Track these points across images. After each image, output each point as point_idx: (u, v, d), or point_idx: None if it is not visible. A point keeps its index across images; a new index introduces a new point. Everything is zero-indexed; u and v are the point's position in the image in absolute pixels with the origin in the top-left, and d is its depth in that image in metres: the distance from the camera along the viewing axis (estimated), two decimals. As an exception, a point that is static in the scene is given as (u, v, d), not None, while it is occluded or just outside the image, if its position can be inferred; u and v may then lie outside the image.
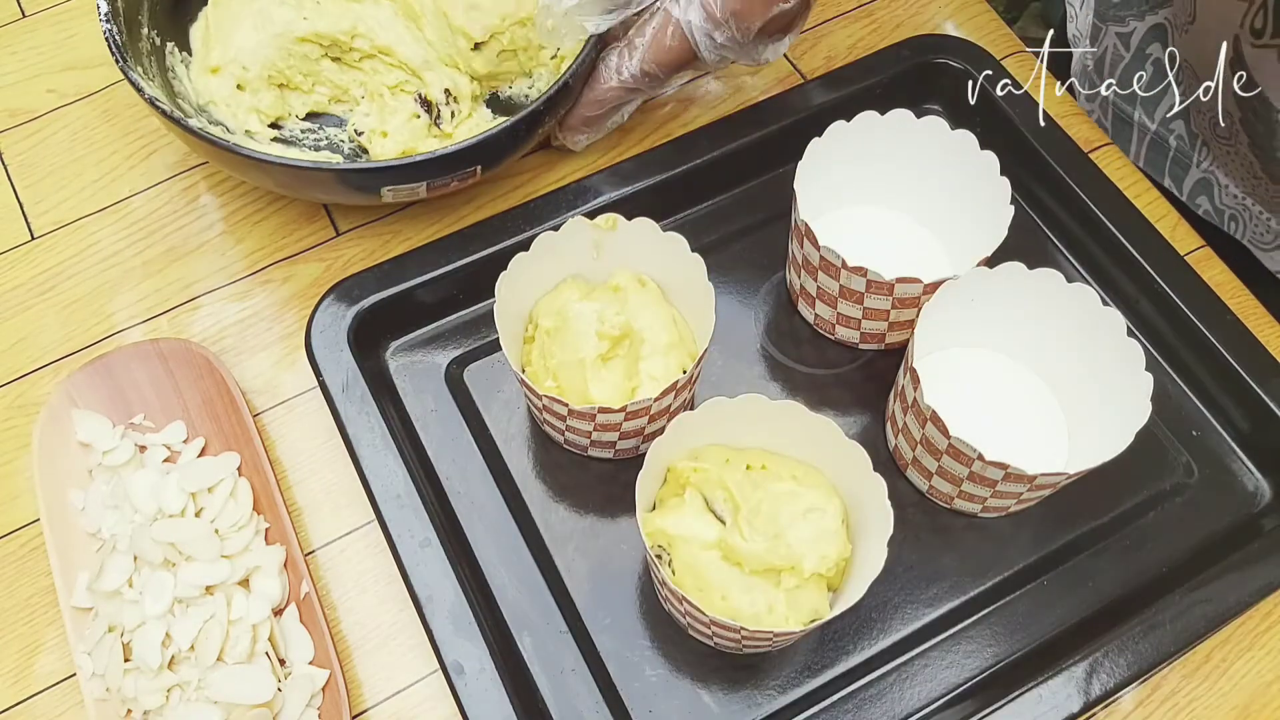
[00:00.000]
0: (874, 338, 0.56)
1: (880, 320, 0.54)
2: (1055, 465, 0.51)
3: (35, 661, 0.50)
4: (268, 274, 0.61)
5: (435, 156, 0.54)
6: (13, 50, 0.69)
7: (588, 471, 0.54)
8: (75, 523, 0.52)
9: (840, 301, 0.54)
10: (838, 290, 0.53)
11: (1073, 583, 0.51)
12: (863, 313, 0.54)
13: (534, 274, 0.52)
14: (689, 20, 0.54)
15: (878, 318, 0.54)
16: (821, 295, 0.55)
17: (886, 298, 0.52)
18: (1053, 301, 0.51)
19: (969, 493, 0.49)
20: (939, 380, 0.51)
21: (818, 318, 0.57)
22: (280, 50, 0.62)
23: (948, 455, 0.48)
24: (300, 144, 0.63)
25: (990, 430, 0.51)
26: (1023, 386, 0.55)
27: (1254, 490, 0.54)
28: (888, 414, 0.53)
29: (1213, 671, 0.51)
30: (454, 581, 0.48)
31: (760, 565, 0.45)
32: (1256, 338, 0.55)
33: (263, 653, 0.49)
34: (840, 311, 0.55)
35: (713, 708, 0.48)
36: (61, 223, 0.62)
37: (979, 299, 0.52)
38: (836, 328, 0.56)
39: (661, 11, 0.55)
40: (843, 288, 0.53)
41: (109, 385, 0.55)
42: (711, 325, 0.49)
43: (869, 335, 0.56)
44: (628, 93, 0.58)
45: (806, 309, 0.57)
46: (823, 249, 0.51)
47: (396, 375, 0.56)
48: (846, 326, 0.56)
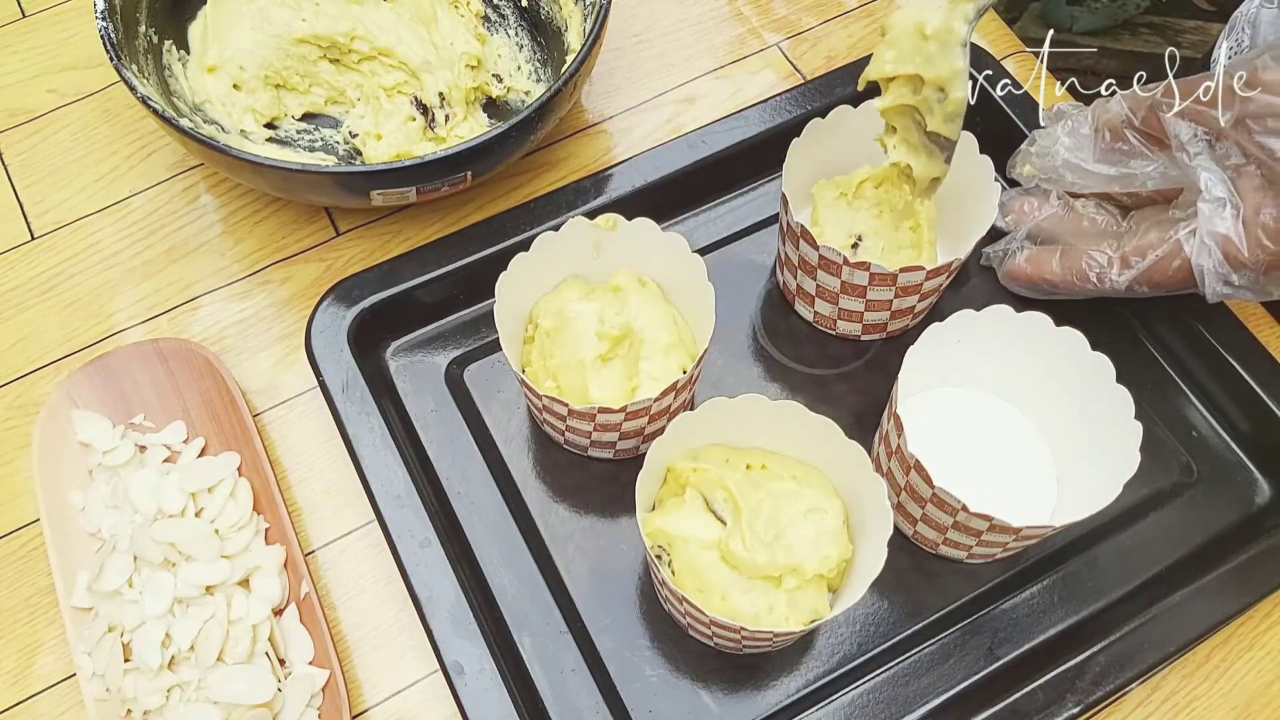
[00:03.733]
0: (876, 328, 0.56)
1: (883, 311, 0.54)
2: (1042, 516, 0.51)
3: (35, 661, 0.50)
4: (268, 274, 0.61)
5: (424, 162, 0.53)
6: (13, 50, 0.69)
7: (588, 471, 0.54)
8: (75, 523, 0.52)
9: (842, 297, 0.54)
10: (839, 286, 0.53)
11: (1073, 583, 0.51)
12: (865, 305, 0.54)
13: (534, 274, 0.52)
14: (1200, 265, 0.48)
15: (880, 308, 0.54)
16: (822, 293, 0.55)
17: (889, 288, 0.52)
18: (1041, 345, 0.50)
19: (954, 540, 0.49)
20: (924, 424, 0.51)
21: (817, 315, 0.57)
22: (278, 51, 0.62)
23: (932, 504, 0.47)
24: (295, 145, 0.63)
25: (976, 476, 0.51)
26: (1010, 430, 0.54)
27: (1254, 490, 0.54)
28: (872, 456, 0.51)
29: (1213, 671, 0.51)
30: (454, 581, 0.48)
31: (761, 574, 0.45)
32: (1256, 338, 0.55)
33: (263, 653, 0.49)
34: (842, 307, 0.55)
35: (713, 708, 0.48)
36: (61, 223, 0.62)
37: (965, 341, 0.51)
38: (838, 323, 0.56)
39: (1172, 242, 0.49)
40: (844, 283, 0.53)
41: (109, 385, 0.55)
42: (711, 325, 0.49)
43: (871, 326, 0.56)
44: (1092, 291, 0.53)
45: (805, 308, 0.57)
46: (823, 248, 0.51)
47: (396, 375, 0.56)
48: (849, 320, 0.56)
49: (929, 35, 0.47)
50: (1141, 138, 0.50)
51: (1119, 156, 0.51)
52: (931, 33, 0.47)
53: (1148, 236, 0.51)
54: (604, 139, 0.65)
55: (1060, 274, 0.53)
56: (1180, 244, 0.49)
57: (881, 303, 0.53)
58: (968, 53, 0.47)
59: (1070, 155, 0.53)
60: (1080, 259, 0.53)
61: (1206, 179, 0.48)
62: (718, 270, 0.52)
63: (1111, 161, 0.51)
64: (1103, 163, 0.52)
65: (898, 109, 0.50)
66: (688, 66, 0.68)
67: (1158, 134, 0.49)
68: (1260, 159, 0.46)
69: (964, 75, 0.47)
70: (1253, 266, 0.47)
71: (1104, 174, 0.52)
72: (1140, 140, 0.50)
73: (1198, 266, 0.49)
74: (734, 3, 0.71)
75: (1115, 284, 0.52)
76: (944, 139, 0.49)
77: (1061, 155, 0.53)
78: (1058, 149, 0.53)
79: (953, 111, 0.48)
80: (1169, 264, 0.50)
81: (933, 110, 0.49)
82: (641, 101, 0.67)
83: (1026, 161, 0.55)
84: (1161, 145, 0.50)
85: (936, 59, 0.48)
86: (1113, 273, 0.51)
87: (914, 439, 0.47)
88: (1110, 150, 0.51)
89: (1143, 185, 0.51)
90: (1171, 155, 0.49)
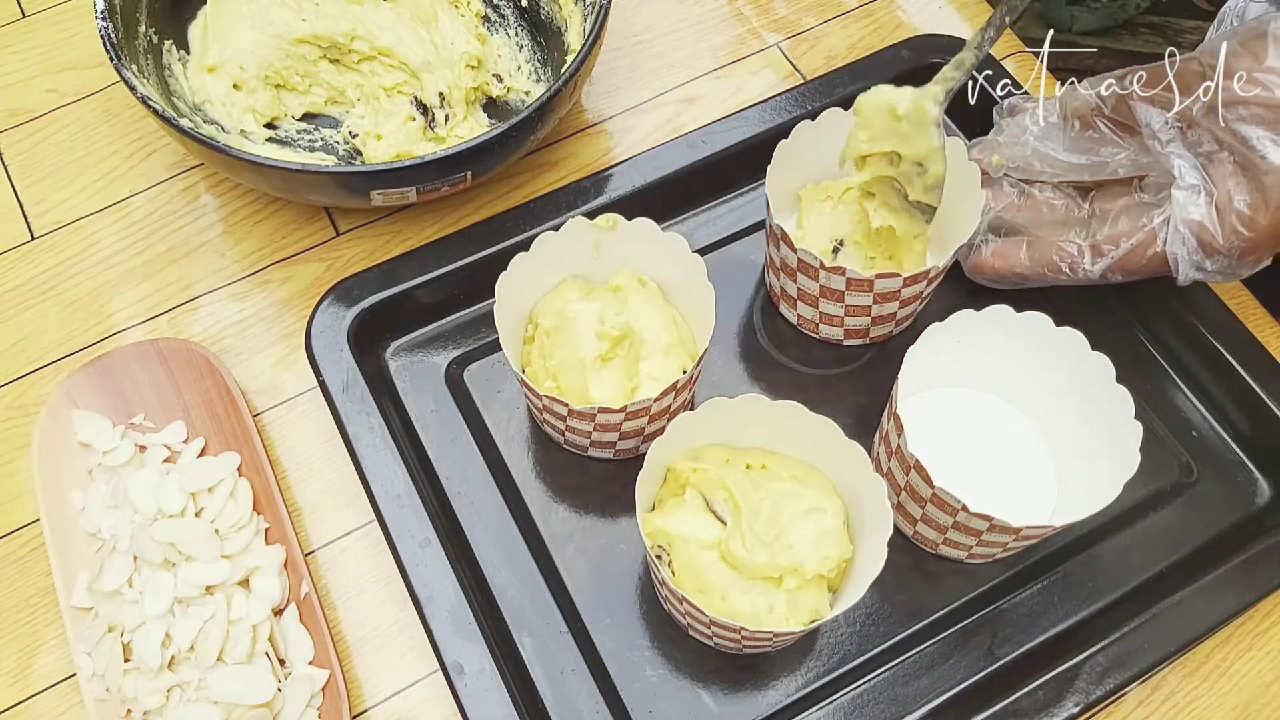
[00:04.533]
0: (859, 333, 0.56)
1: (863, 316, 0.54)
2: (1042, 516, 0.51)
3: (35, 661, 0.50)
4: (268, 274, 0.61)
5: (424, 162, 0.53)
6: (13, 50, 0.69)
7: (588, 471, 0.54)
8: (75, 523, 0.52)
9: (822, 301, 0.54)
10: (818, 290, 0.53)
11: (1073, 583, 0.51)
12: (845, 310, 0.54)
13: (534, 274, 0.52)
14: (1175, 253, 0.48)
15: (860, 314, 0.54)
16: (803, 296, 0.54)
17: (867, 293, 0.52)
18: (1041, 345, 0.50)
19: (954, 540, 0.49)
20: (924, 423, 0.51)
21: (800, 318, 0.57)
22: (278, 51, 0.62)
23: (932, 504, 0.47)
24: (295, 145, 0.63)
25: (976, 476, 0.51)
26: (1010, 430, 0.53)
27: (1254, 490, 0.54)
28: (872, 456, 0.51)
29: (1213, 671, 0.51)
30: (454, 581, 0.48)
31: (761, 575, 0.45)
32: (1256, 338, 0.55)
33: (263, 653, 0.49)
34: (823, 310, 0.54)
35: (713, 708, 0.48)
36: (61, 223, 0.62)
37: (965, 341, 0.51)
38: (820, 326, 0.56)
39: (1146, 230, 0.49)
40: (823, 287, 0.53)
41: (109, 385, 0.55)
42: (711, 325, 0.49)
43: (853, 331, 0.56)
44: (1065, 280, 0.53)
45: (789, 310, 0.57)
46: (800, 251, 0.51)
47: (396, 375, 0.56)
48: (830, 325, 0.56)
49: (901, 116, 0.48)
50: (1112, 125, 0.50)
51: (1089, 144, 0.51)
52: (904, 114, 0.48)
53: (1119, 225, 0.51)
54: (604, 139, 0.65)
55: (1029, 266, 0.53)
56: (1155, 233, 0.49)
57: (860, 308, 0.53)
58: (942, 131, 0.48)
59: (1039, 144, 0.52)
60: (1050, 250, 0.52)
61: (1180, 165, 0.48)
62: (718, 270, 0.52)
63: (1081, 150, 0.51)
64: (1073, 151, 0.52)
65: (878, 180, 0.51)
66: (688, 66, 0.68)
67: (1128, 121, 0.49)
68: (1233, 146, 0.46)
69: (941, 151, 0.48)
70: (1226, 252, 0.48)
71: (1074, 162, 0.52)
72: (1110, 128, 0.50)
73: (1172, 254, 0.49)
74: (734, 3, 0.71)
75: (1088, 273, 0.51)
76: (926, 205, 0.50)
77: (1031, 144, 0.53)
78: (1027, 138, 0.53)
79: (933, 184, 0.49)
80: (1143, 251, 0.50)
81: (913, 183, 0.49)
82: (641, 101, 0.67)
83: (994, 151, 0.54)
84: (1132, 132, 0.50)
85: (912, 138, 0.48)
86: (1084, 262, 0.51)
87: (914, 439, 0.47)
88: (1080, 138, 0.51)
89: (1114, 173, 0.51)
90: (1142, 142, 0.49)
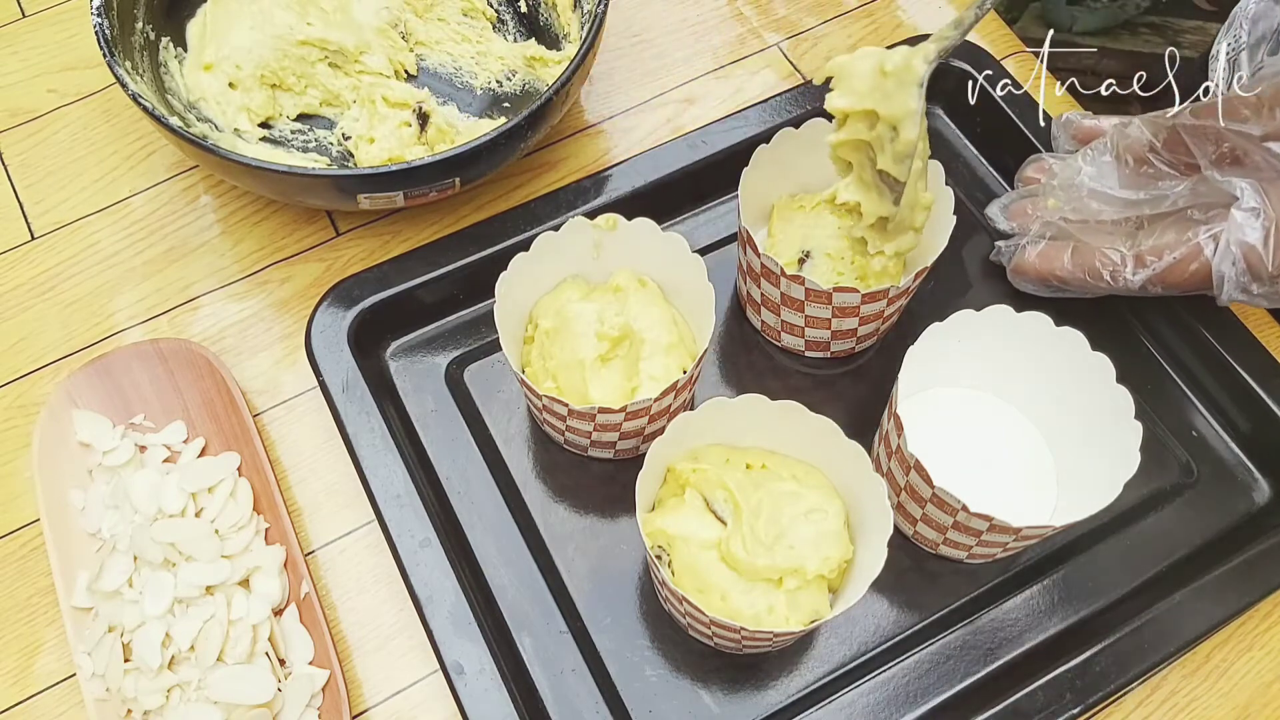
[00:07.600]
0: (819, 345, 0.55)
1: (823, 329, 0.54)
2: (1042, 516, 0.51)
3: (35, 661, 0.50)
4: (268, 274, 0.61)
5: (411, 167, 0.53)
6: (13, 50, 0.69)
7: (588, 471, 0.54)
8: (75, 523, 0.52)
9: (783, 309, 0.53)
10: (779, 298, 0.53)
11: (1073, 583, 0.51)
12: (805, 320, 0.53)
13: (534, 274, 0.52)
14: (1222, 272, 0.48)
15: (820, 326, 0.53)
16: (766, 302, 0.54)
17: (826, 306, 0.52)
18: (1041, 345, 0.50)
19: (954, 540, 0.49)
20: (924, 424, 0.51)
21: (764, 324, 0.56)
22: (276, 51, 0.62)
23: (932, 504, 0.47)
24: (289, 145, 0.63)
25: (976, 476, 0.51)
26: (1010, 429, 0.53)
27: (1254, 490, 0.54)
28: (872, 456, 0.51)
29: (1213, 671, 0.51)
30: (454, 581, 0.48)
31: (761, 576, 0.45)
32: (1256, 338, 0.55)
33: (263, 653, 0.49)
34: (784, 319, 0.54)
35: (713, 708, 0.48)
36: (61, 223, 0.62)
37: (965, 341, 0.51)
38: (782, 335, 0.56)
39: (1191, 244, 0.49)
40: (784, 295, 0.52)
41: (109, 385, 0.55)
42: (711, 325, 0.49)
43: (814, 343, 0.55)
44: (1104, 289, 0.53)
45: (754, 315, 0.57)
46: (763, 257, 0.51)
47: (396, 375, 0.56)
48: (791, 334, 0.55)
49: (888, 72, 0.48)
50: (1167, 160, 0.50)
51: (1145, 180, 0.51)
52: (891, 69, 0.47)
53: (1165, 236, 0.50)
54: (604, 139, 0.65)
55: (1071, 270, 0.53)
56: (1200, 247, 0.49)
57: (820, 320, 0.53)
58: (923, 95, 0.47)
59: (1095, 184, 0.52)
60: (1093, 256, 0.52)
61: (1243, 187, 0.48)
62: (718, 270, 0.52)
63: (1138, 186, 0.51)
64: (1129, 188, 0.51)
65: (854, 144, 0.50)
66: (688, 66, 0.68)
67: (1183, 155, 0.49)
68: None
69: (916, 116, 0.47)
70: (1273, 279, 0.48)
71: (1132, 199, 0.51)
72: (1165, 162, 0.50)
73: (1219, 273, 0.48)
74: (734, 3, 0.71)
75: (1129, 283, 0.51)
76: (893, 179, 0.49)
77: (1086, 185, 0.52)
78: (1081, 179, 0.53)
79: (902, 152, 0.48)
80: (1186, 266, 0.49)
81: (884, 148, 0.49)
82: (641, 102, 0.67)
83: (1050, 195, 0.54)
84: (1188, 165, 0.50)
85: (893, 96, 0.48)
86: (1127, 271, 0.51)
87: (914, 439, 0.47)
88: (1135, 174, 0.51)
89: (1173, 204, 0.51)
90: (1199, 174, 0.49)
